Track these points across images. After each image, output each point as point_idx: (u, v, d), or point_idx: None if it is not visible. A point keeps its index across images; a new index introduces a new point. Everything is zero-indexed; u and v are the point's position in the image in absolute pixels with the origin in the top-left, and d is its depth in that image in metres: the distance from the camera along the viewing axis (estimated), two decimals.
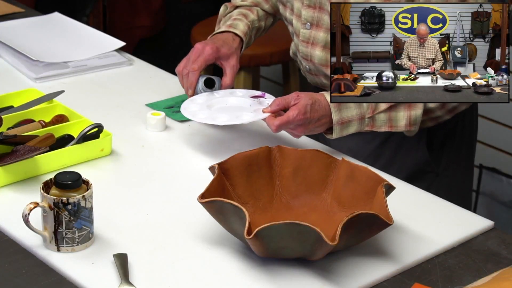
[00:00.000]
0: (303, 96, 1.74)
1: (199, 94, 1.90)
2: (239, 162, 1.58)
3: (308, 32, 1.90)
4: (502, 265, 1.50)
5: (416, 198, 1.70)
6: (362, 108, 1.77)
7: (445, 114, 1.87)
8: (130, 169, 1.76)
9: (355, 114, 1.77)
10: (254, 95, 1.86)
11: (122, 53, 2.30)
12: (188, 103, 1.86)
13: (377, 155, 1.94)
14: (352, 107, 1.77)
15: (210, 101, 1.86)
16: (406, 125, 1.80)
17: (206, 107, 1.83)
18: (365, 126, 1.79)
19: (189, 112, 1.81)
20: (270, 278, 1.44)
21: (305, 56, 1.93)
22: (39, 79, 2.13)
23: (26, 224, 1.46)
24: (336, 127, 1.76)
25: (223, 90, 1.91)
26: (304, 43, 1.92)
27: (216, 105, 1.85)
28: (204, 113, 1.81)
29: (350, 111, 1.76)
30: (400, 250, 1.52)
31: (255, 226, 1.39)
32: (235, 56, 1.97)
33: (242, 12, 2.05)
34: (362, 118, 1.78)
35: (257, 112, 1.77)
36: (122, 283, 1.40)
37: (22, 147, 1.66)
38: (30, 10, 2.62)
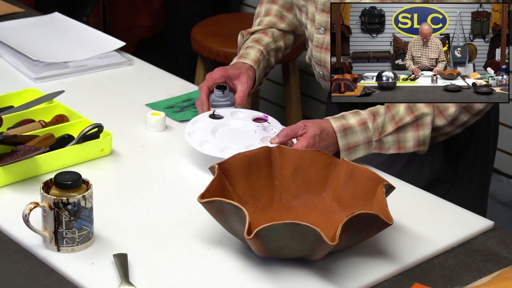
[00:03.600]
0: (310, 125, 1.72)
1: (201, 115, 1.86)
2: (239, 162, 1.58)
3: (321, 37, 1.90)
4: (502, 265, 1.50)
5: (416, 198, 1.70)
6: (369, 131, 1.76)
7: (456, 129, 1.83)
8: (130, 169, 1.76)
9: (361, 138, 1.76)
10: (256, 117, 1.83)
11: (122, 53, 2.30)
12: (191, 127, 1.81)
13: (390, 163, 1.92)
14: (359, 132, 1.76)
15: (213, 125, 1.82)
16: (414, 146, 1.79)
17: (210, 131, 1.80)
18: (373, 149, 1.78)
19: (195, 142, 1.76)
20: (270, 278, 1.44)
21: (319, 62, 1.93)
22: (39, 79, 2.13)
23: (26, 224, 1.46)
24: (344, 152, 1.75)
25: (224, 110, 1.88)
26: (317, 48, 1.91)
27: (219, 128, 1.81)
28: (210, 142, 1.75)
29: (356, 136, 1.76)
30: (400, 250, 1.52)
31: (255, 226, 1.39)
32: (245, 75, 1.94)
33: (256, 38, 2.03)
34: (369, 141, 1.77)
35: (264, 142, 1.75)
36: (122, 283, 1.40)
37: (22, 147, 1.66)
38: (30, 10, 2.62)
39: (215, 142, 1.76)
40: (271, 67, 2.07)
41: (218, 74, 1.93)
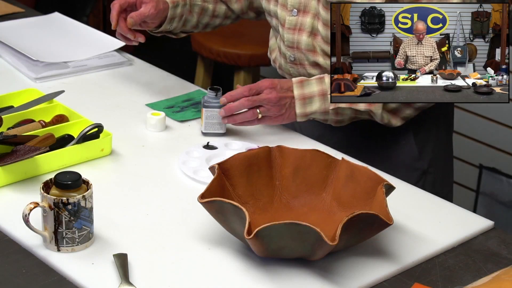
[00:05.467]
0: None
1: (194, 147, 1.83)
2: (239, 162, 1.58)
3: (294, 18, 1.92)
4: (502, 265, 1.50)
5: (416, 198, 1.70)
6: (324, 84, 1.83)
7: (398, 121, 1.88)
8: (130, 169, 1.76)
9: (316, 90, 1.83)
10: (250, 148, 1.81)
11: (122, 53, 2.30)
12: (185, 156, 1.79)
13: (360, 147, 1.96)
14: (314, 83, 1.84)
15: (207, 155, 1.80)
16: (365, 105, 1.83)
17: (205, 160, 1.78)
18: (328, 104, 1.83)
19: (189, 170, 1.74)
20: (270, 278, 1.44)
21: (291, 44, 1.94)
22: (39, 79, 2.13)
23: (26, 224, 1.46)
24: (298, 102, 1.83)
25: (218, 140, 1.86)
26: (290, 30, 1.93)
27: (213, 158, 1.79)
28: (204, 170, 1.72)
29: (311, 86, 1.84)
30: (400, 250, 1.52)
31: (255, 226, 1.39)
32: (154, 2, 1.98)
33: None
34: (324, 94, 1.83)
35: None
36: (122, 283, 1.40)
37: (22, 147, 1.66)
38: (30, 10, 2.62)
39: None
40: (192, 25, 2.09)
41: None
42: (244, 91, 1.85)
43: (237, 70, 3.43)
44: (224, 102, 1.86)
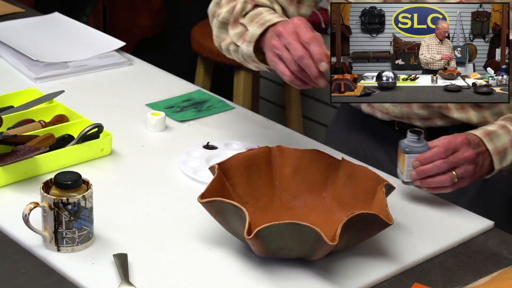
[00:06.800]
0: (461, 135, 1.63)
1: (194, 147, 1.83)
2: (239, 162, 1.58)
3: None
4: (502, 265, 1.50)
5: (416, 198, 1.70)
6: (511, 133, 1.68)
7: None
8: (130, 169, 1.76)
9: (507, 140, 1.66)
10: (250, 148, 1.80)
11: (122, 53, 2.30)
12: (185, 156, 1.78)
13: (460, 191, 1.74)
14: (502, 135, 1.67)
15: (207, 155, 1.80)
16: None
17: (205, 160, 1.78)
18: None
19: (189, 170, 1.73)
20: (270, 278, 1.44)
21: None
22: (39, 79, 2.13)
23: (26, 224, 1.46)
24: (495, 157, 1.65)
25: (218, 140, 1.85)
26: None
27: (213, 158, 1.79)
28: (204, 170, 1.72)
29: (501, 138, 1.67)
30: (400, 250, 1.52)
31: (255, 226, 1.39)
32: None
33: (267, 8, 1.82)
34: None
35: None
36: (122, 283, 1.40)
37: (22, 147, 1.66)
38: (30, 10, 2.62)
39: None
40: None
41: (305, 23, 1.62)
42: (440, 152, 1.61)
43: (237, 70, 3.42)
44: (417, 165, 1.63)
